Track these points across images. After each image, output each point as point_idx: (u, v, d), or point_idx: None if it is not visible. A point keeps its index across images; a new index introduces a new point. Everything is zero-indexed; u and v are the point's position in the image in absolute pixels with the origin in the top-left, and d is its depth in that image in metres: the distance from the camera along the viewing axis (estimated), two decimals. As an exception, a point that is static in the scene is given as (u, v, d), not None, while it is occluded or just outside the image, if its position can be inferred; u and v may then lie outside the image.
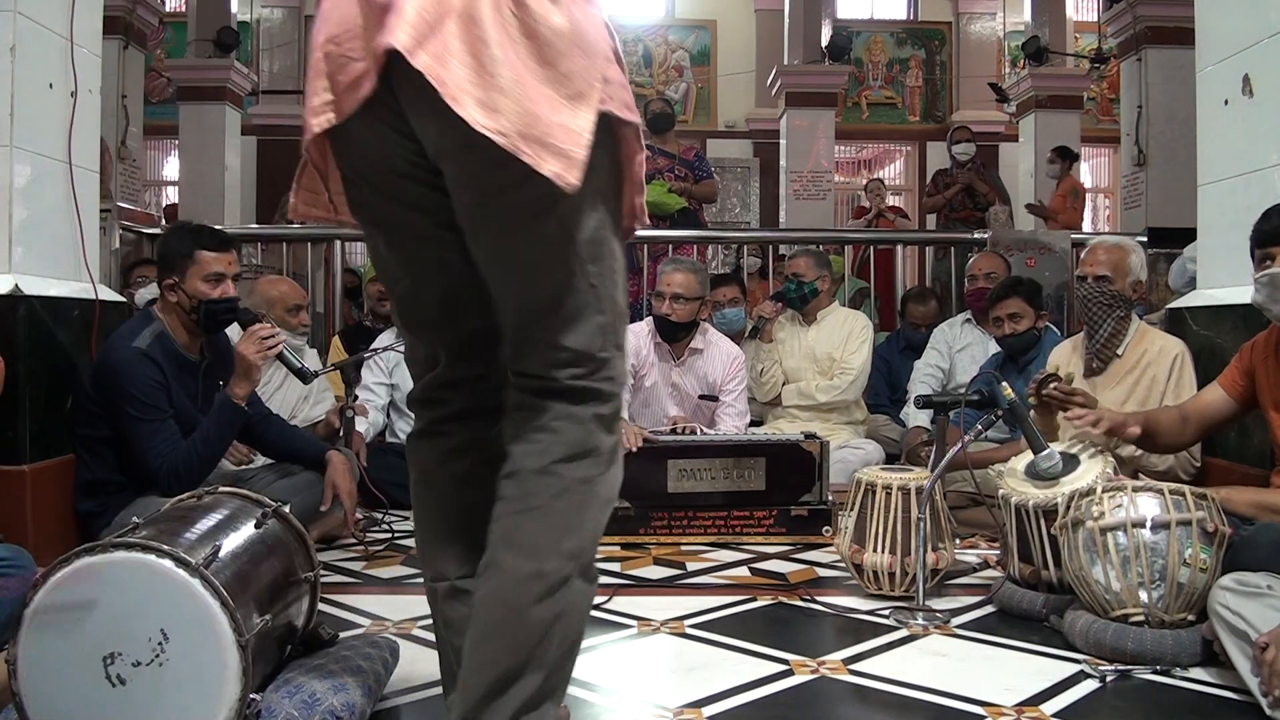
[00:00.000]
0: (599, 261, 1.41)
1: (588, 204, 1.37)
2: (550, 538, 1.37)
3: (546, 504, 1.38)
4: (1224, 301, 3.11)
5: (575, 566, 1.38)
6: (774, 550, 3.17)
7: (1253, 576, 1.91)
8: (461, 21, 1.27)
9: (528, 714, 1.34)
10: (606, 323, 1.43)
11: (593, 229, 1.39)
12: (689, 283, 3.75)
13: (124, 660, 1.46)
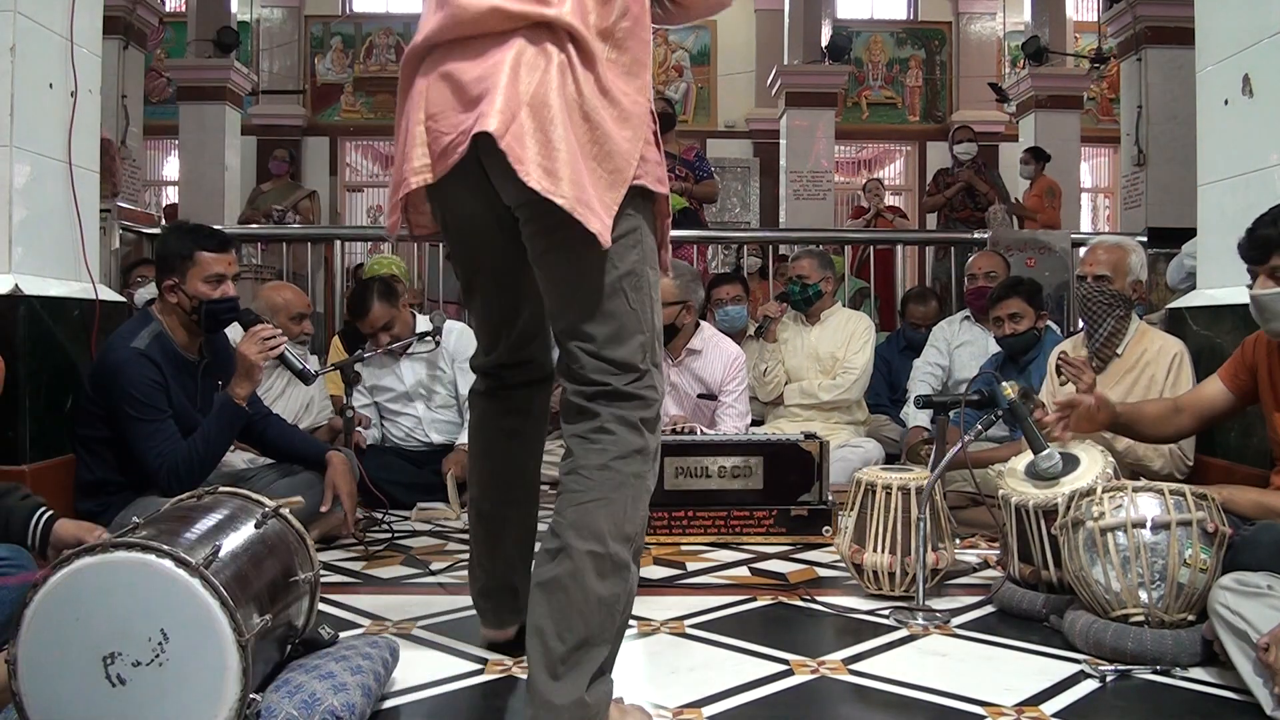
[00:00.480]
0: (639, 291, 1.72)
1: (627, 247, 1.71)
2: (612, 524, 1.63)
3: (608, 495, 1.63)
4: (1224, 301, 3.11)
5: (631, 550, 1.66)
6: (774, 550, 3.17)
7: (1253, 576, 1.91)
8: (532, 109, 1.63)
9: (598, 679, 1.58)
10: (646, 341, 1.72)
11: (632, 263, 1.71)
12: (664, 287, 3.72)
13: (124, 660, 1.46)
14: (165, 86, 11.50)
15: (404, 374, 4.02)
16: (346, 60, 13.15)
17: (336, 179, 13.16)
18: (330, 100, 13.11)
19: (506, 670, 2.02)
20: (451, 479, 3.75)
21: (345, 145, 13.39)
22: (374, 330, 3.86)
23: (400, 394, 4.03)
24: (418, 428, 4.05)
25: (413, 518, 3.64)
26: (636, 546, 1.67)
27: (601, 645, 1.59)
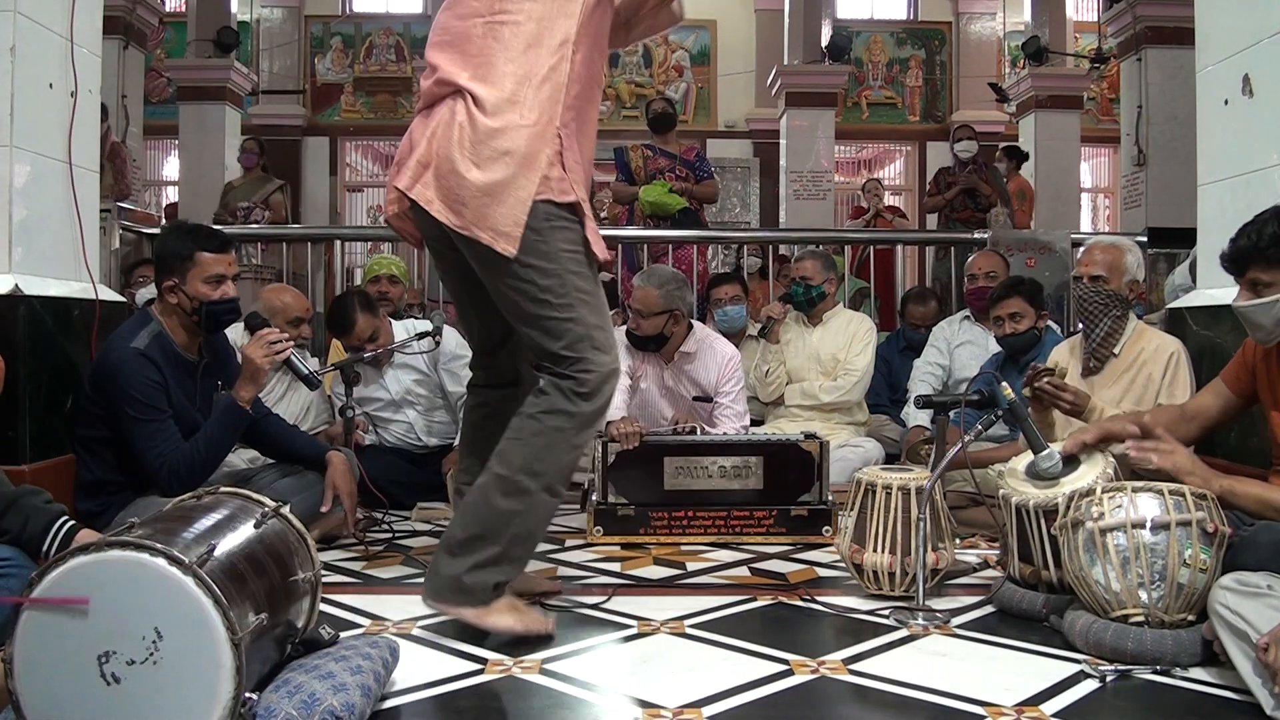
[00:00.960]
0: (564, 295, 2.20)
1: (546, 261, 2.19)
2: (522, 459, 2.18)
3: (525, 438, 2.19)
4: (1223, 301, 3.10)
5: (540, 483, 2.17)
6: (774, 550, 3.17)
7: (1253, 576, 1.91)
8: (439, 163, 2.23)
9: (482, 569, 2.15)
10: (581, 333, 2.20)
11: (552, 273, 2.19)
12: (648, 299, 3.72)
13: (119, 659, 1.47)
14: (165, 86, 11.51)
15: (389, 384, 4.00)
16: (346, 60, 13.15)
17: (336, 179, 13.17)
18: (330, 100, 13.11)
19: (506, 670, 2.03)
20: (452, 479, 3.74)
21: (345, 145, 13.40)
22: (360, 342, 3.83)
23: (389, 403, 4.01)
24: (411, 432, 4.04)
25: (413, 518, 3.64)
26: (546, 481, 2.17)
27: (491, 544, 2.15)
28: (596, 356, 2.20)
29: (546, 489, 2.18)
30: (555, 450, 2.18)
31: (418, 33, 12.87)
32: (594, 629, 2.33)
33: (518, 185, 2.18)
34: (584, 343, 2.20)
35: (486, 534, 2.16)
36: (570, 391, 2.18)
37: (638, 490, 3.26)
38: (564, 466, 2.21)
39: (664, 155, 6.02)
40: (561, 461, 2.20)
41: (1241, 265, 2.28)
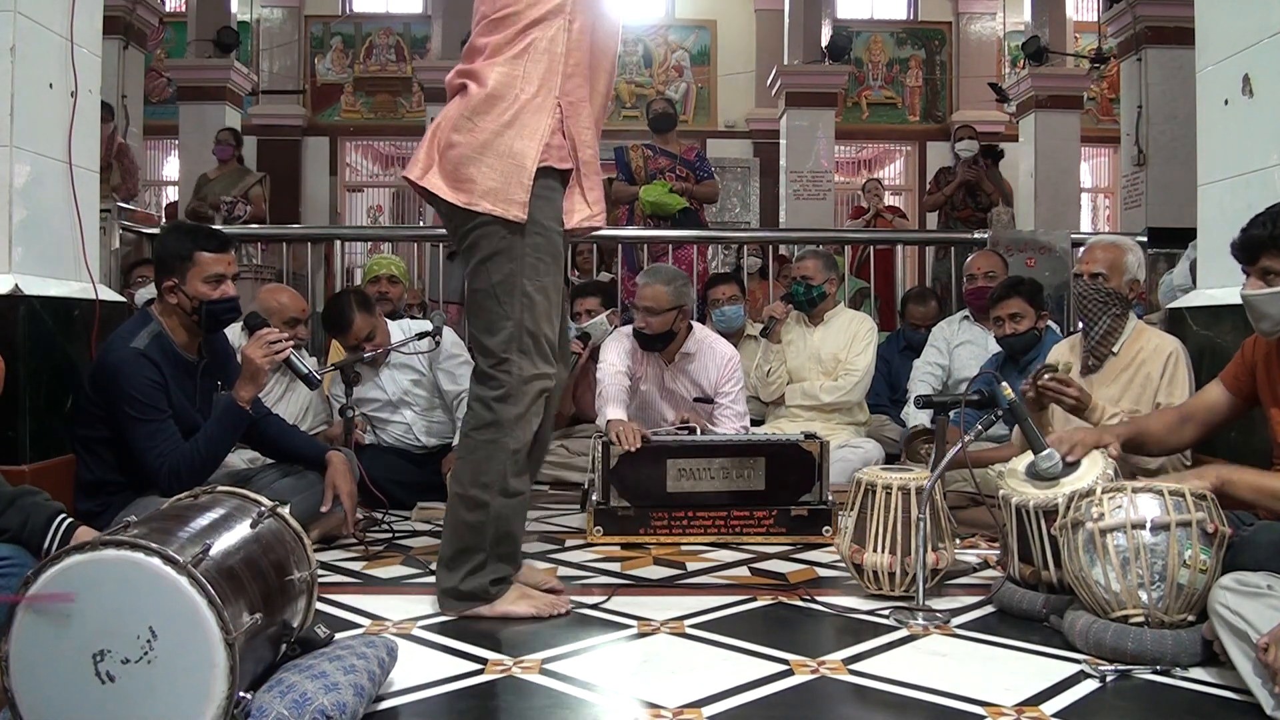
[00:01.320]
0: (510, 296, 2.33)
1: (502, 261, 2.33)
2: (469, 475, 2.37)
3: (465, 456, 2.39)
4: (1223, 301, 3.11)
5: (492, 491, 2.34)
6: (774, 550, 3.17)
7: (1253, 576, 1.91)
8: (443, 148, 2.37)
9: (476, 575, 2.36)
10: (511, 333, 2.33)
11: (504, 275, 2.34)
12: (657, 296, 3.72)
13: (113, 657, 1.47)
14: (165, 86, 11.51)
15: (385, 384, 3.98)
16: (346, 60, 13.15)
17: (336, 179, 13.16)
18: (330, 100, 13.11)
19: (506, 670, 2.02)
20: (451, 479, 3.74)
21: (345, 145, 13.40)
22: (357, 342, 3.82)
23: (386, 403, 3.99)
24: (409, 433, 4.03)
25: (413, 518, 3.64)
26: (497, 488, 2.34)
27: (475, 552, 2.35)
28: (520, 360, 2.34)
29: (501, 493, 2.34)
30: (494, 459, 2.34)
31: (417, 33, 12.87)
32: (594, 629, 2.33)
33: (524, 154, 2.31)
34: (514, 344, 2.34)
35: (468, 546, 2.36)
36: (489, 400, 2.35)
37: (639, 491, 3.26)
38: (508, 469, 2.35)
39: (664, 155, 6.02)
40: (501, 467, 2.34)
41: (1253, 253, 2.28)
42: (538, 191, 2.33)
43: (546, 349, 2.39)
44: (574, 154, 2.39)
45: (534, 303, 2.35)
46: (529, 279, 2.34)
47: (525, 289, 2.34)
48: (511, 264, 2.33)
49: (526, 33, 2.33)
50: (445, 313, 4.94)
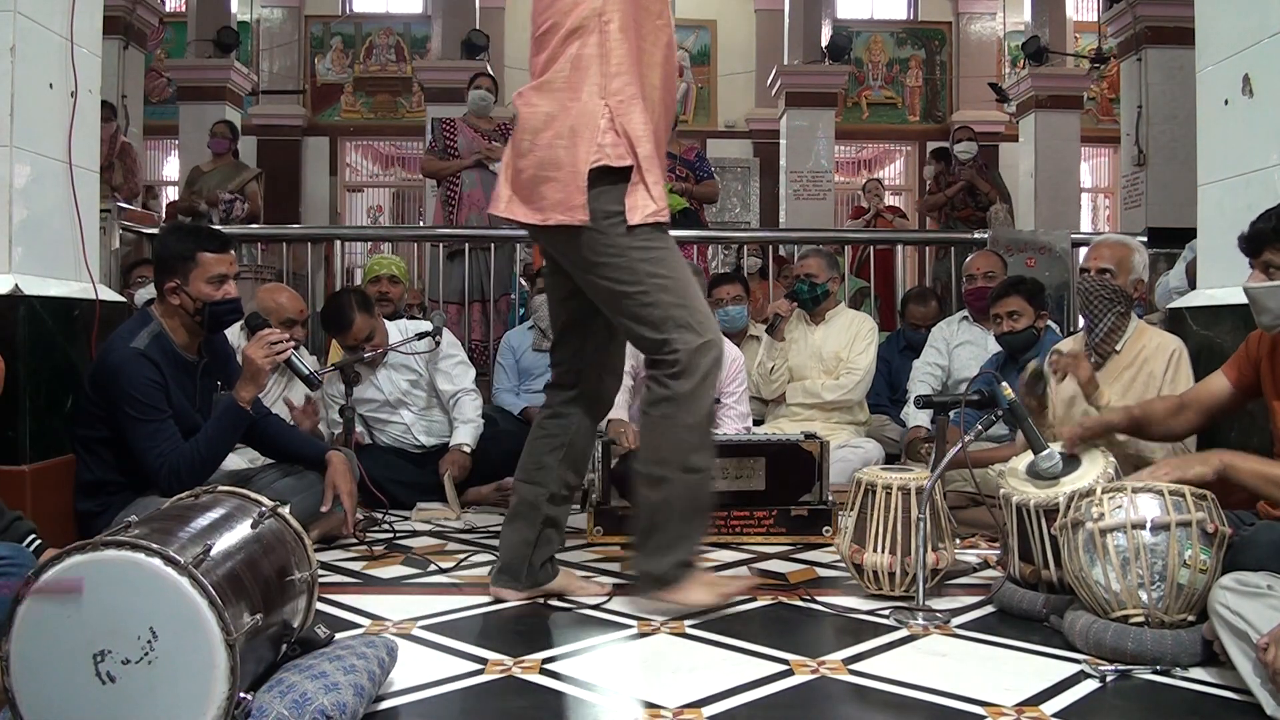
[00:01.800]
0: (639, 284, 2.34)
1: (610, 259, 2.35)
2: (649, 452, 2.40)
3: (645, 434, 2.44)
4: (1223, 301, 3.11)
5: (672, 468, 2.34)
6: (774, 550, 3.16)
7: (1253, 576, 1.91)
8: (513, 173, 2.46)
9: (662, 554, 2.36)
10: (661, 315, 2.34)
11: (620, 271, 2.35)
12: None
13: (114, 658, 1.47)
14: (165, 86, 11.52)
15: (382, 384, 3.97)
16: (346, 60, 13.15)
17: (336, 179, 13.17)
18: (330, 100, 13.11)
19: (506, 670, 2.02)
20: (448, 479, 3.75)
21: (345, 145, 13.40)
22: (357, 342, 3.82)
23: (382, 403, 3.99)
24: (407, 434, 4.02)
25: (413, 518, 3.64)
26: (677, 464, 2.34)
27: (661, 531, 2.36)
28: (682, 333, 2.33)
29: (682, 469, 2.34)
30: (671, 435, 2.34)
31: (417, 33, 12.87)
32: (594, 629, 2.33)
33: (575, 159, 2.34)
34: (670, 323, 2.33)
35: (654, 524, 2.37)
36: (664, 379, 2.34)
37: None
38: (687, 445, 2.35)
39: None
40: (682, 442, 2.34)
41: (1257, 246, 2.29)
42: (603, 189, 2.34)
43: (704, 315, 2.38)
44: (632, 151, 2.36)
45: (665, 277, 2.35)
46: (646, 261, 2.35)
47: (648, 271, 2.34)
48: (620, 258, 2.34)
49: (566, 44, 2.37)
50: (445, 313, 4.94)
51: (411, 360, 3.97)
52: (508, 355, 4.92)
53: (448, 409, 4.00)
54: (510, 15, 12.92)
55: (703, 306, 2.41)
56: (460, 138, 5.84)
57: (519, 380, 4.89)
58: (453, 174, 5.82)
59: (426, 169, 6.11)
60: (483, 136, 5.85)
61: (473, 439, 3.89)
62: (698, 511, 2.42)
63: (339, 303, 3.87)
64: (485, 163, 5.77)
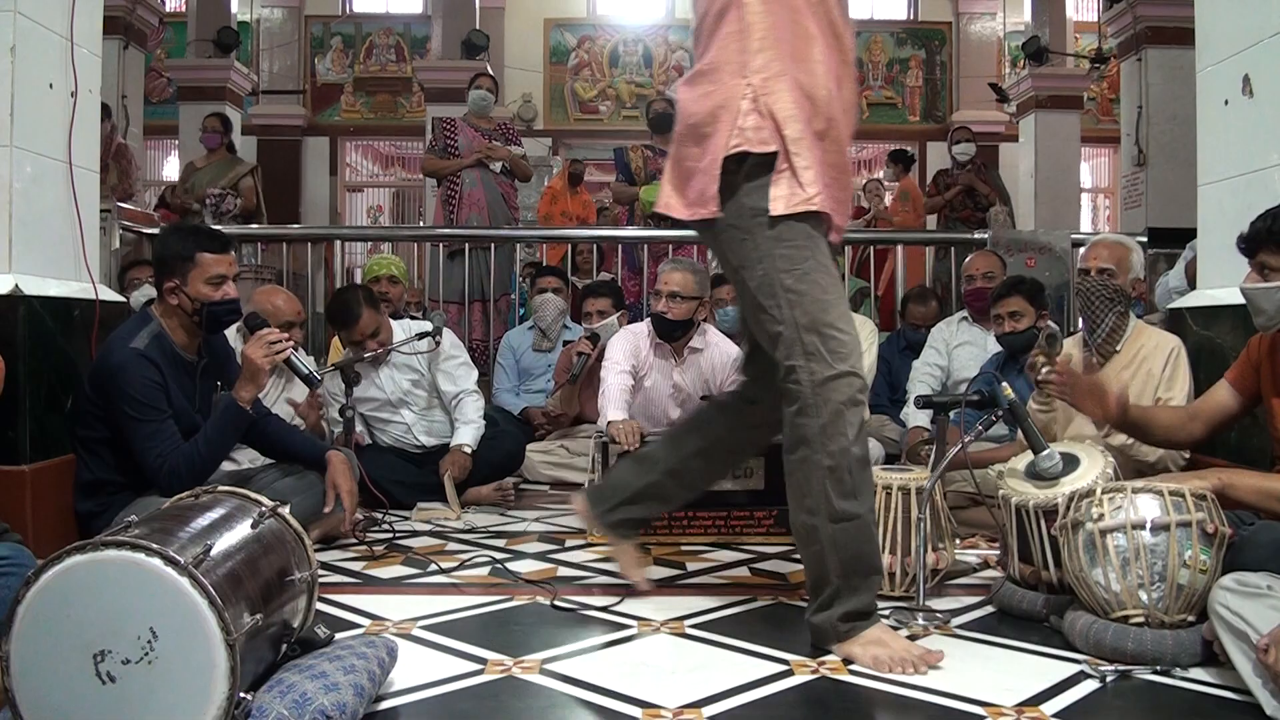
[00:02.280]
0: (774, 298, 2.13)
1: (752, 264, 2.16)
2: (795, 502, 2.17)
3: (789, 480, 2.18)
4: (1223, 301, 3.11)
5: (820, 517, 2.11)
6: (774, 550, 3.16)
7: (1253, 577, 1.91)
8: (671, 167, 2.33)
9: (824, 609, 2.14)
10: (789, 336, 2.11)
11: (759, 278, 2.15)
12: (686, 282, 3.75)
13: (114, 658, 1.47)
14: (165, 86, 11.52)
15: (384, 383, 3.97)
16: (346, 60, 13.15)
17: (336, 179, 13.16)
18: (330, 100, 13.11)
19: (506, 670, 2.02)
20: (449, 479, 3.74)
21: (345, 145, 13.40)
22: (363, 338, 3.81)
23: (383, 402, 3.98)
24: (408, 434, 4.02)
25: (413, 518, 3.64)
26: (824, 512, 2.10)
27: (826, 583, 2.14)
28: (808, 363, 2.10)
29: (829, 518, 2.11)
30: (812, 480, 2.12)
31: (417, 33, 12.87)
32: (594, 629, 2.33)
33: (715, 147, 2.18)
34: (796, 349, 2.11)
35: (818, 577, 2.16)
36: (791, 417, 2.13)
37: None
38: (831, 490, 2.10)
39: (664, 155, 6.00)
40: (824, 487, 2.10)
41: (1253, 247, 2.32)
42: (745, 180, 2.16)
43: (838, 343, 2.11)
44: (778, 133, 2.13)
45: (801, 295, 2.12)
46: (785, 272, 2.13)
47: (785, 284, 2.12)
48: (761, 263, 2.15)
49: (714, 29, 2.21)
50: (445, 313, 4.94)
51: (414, 360, 3.96)
52: (507, 355, 4.93)
53: (449, 409, 4.00)
54: (510, 15, 12.92)
55: (842, 331, 2.12)
56: (461, 137, 5.84)
57: (519, 380, 4.90)
58: (453, 173, 5.82)
59: (427, 168, 6.12)
60: (483, 136, 5.86)
61: (474, 440, 3.89)
62: (859, 560, 2.13)
63: (345, 298, 3.86)
64: (485, 162, 5.78)
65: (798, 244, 2.14)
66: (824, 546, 2.12)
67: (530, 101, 13.00)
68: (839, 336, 2.11)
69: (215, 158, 6.76)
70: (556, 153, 12.59)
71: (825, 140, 2.18)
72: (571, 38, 13.28)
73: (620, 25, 13.30)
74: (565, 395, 4.43)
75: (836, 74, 2.21)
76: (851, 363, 2.11)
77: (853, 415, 2.10)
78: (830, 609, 2.13)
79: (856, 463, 2.10)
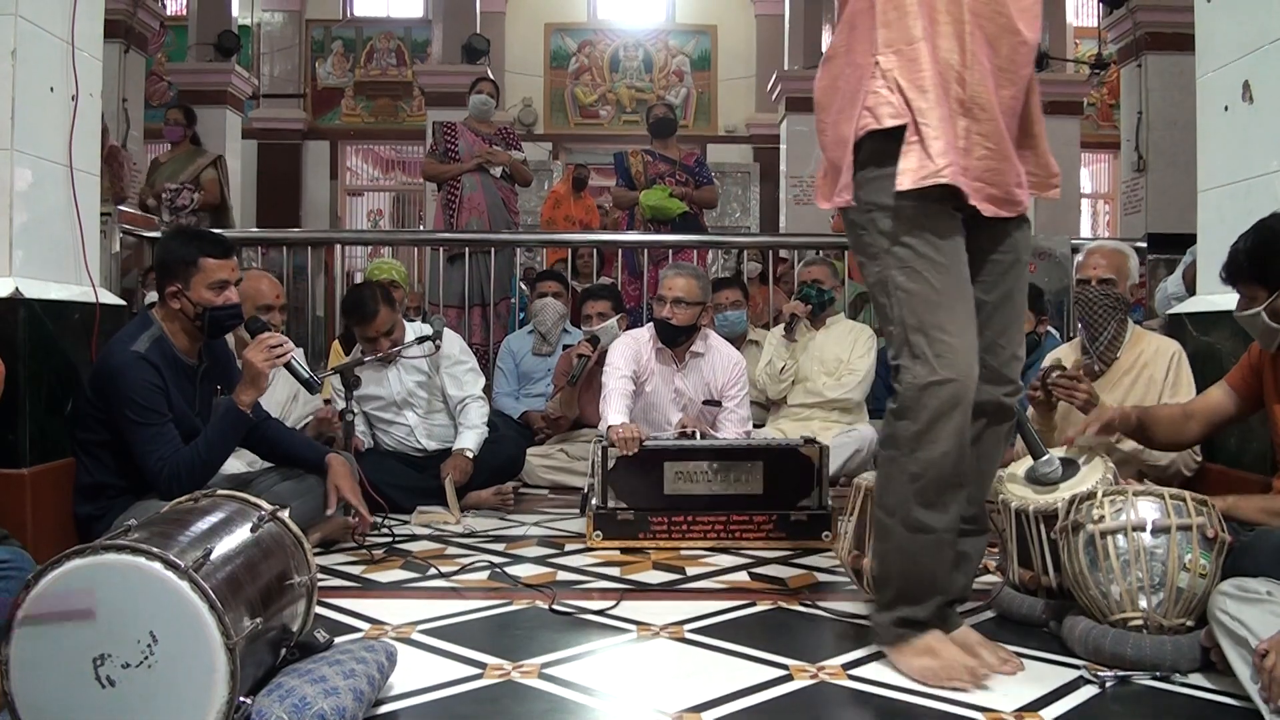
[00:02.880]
0: (887, 295, 2.04)
1: (871, 256, 2.07)
2: (879, 494, 2.10)
3: (878, 471, 2.14)
4: (1222, 307, 3.10)
5: (894, 519, 2.04)
6: (773, 555, 3.16)
7: (1252, 582, 1.91)
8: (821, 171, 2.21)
9: (885, 610, 2.07)
10: (899, 335, 2.03)
11: (876, 274, 2.07)
12: (689, 287, 3.76)
13: (114, 662, 1.47)
14: (166, 90, 11.53)
15: (391, 383, 3.97)
16: (347, 64, 13.17)
17: (337, 183, 13.18)
18: (331, 104, 13.13)
19: (505, 675, 2.02)
20: (450, 483, 3.74)
21: (345, 149, 13.41)
22: (377, 335, 3.81)
23: (389, 403, 3.98)
24: (411, 436, 4.01)
25: (412, 521, 3.64)
26: (899, 515, 2.03)
27: (887, 585, 2.08)
28: (912, 366, 2.01)
29: (903, 523, 2.02)
30: (894, 481, 2.04)
31: (418, 37, 12.89)
32: (593, 633, 2.33)
33: (846, 130, 2.06)
34: (903, 348, 2.03)
35: (882, 575, 2.10)
36: (889, 413, 2.06)
37: (638, 495, 3.26)
38: (911, 499, 2.01)
39: (664, 160, 6.03)
40: (902, 492, 2.02)
41: (1233, 278, 2.37)
42: (874, 164, 2.02)
43: (944, 346, 1.98)
44: (906, 104, 1.97)
45: (911, 293, 2.01)
46: (898, 269, 2.02)
47: (897, 281, 2.02)
48: (879, 259, 2.05)
49: (842, 12, 2.11)
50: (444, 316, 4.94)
51: (421, 362, 3.97)
52: (507, 359, 4.93)
53: (454, 414, 4.00)
54: (511, 20, 12.95)
55: (950, 335, 1.99)
56: (461, 141, 5.85)
57: (518, 384, 4.90)
58: (453, 178, 5.82)
59: (427, 172, 6.13)
60: (483, 141, 5.86)
61: (476, 444, 3.89)
62: (923, 575, 2.04)
63: (362, 294, 3.84)
64: (486, 167, 5.78)
65: (918, 229, 2.00)
66: (893, 548, 2.06)
67: (531, 106, 13.01)
68: (945, 340, 1.98)
69: (178, 151, 6.53)
70: (557, 157, 12.61)
71: (972, 108, 2.00)
72: (572, 42, 13.30)
73: (621, 30, 13.33)
74: (565, 398, 4.44)
75: (987, 36, 2.01)
76: (958, 369, 1.98)
77: (948, 425, 1.98)
78: (887, 611, 2.07)
79: (946, 476, 2.00)
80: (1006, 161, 2.06)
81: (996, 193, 2.05)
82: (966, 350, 2.01)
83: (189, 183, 6.21)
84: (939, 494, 2.00)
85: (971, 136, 2.01)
